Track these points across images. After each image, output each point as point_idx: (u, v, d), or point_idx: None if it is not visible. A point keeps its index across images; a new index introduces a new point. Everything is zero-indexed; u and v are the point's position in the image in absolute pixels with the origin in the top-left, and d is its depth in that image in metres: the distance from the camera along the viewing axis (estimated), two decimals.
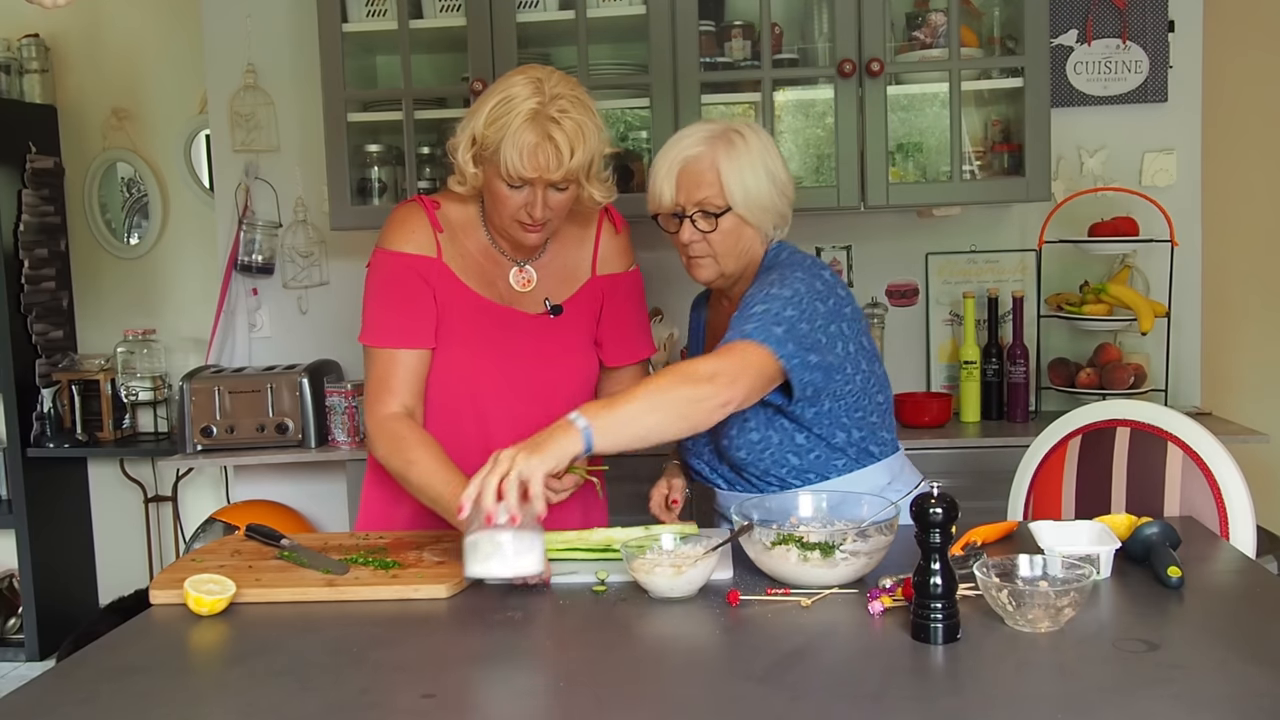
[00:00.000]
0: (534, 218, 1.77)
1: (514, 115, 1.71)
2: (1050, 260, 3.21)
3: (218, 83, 3.48)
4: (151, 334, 3.92)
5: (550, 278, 1.92)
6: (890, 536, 1.50)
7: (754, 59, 3.04)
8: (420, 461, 1.75)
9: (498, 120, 1.72)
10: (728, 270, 1.82)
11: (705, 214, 1.77)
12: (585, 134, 1.74)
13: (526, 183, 1.74)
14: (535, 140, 1.70)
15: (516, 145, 1.70)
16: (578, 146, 1.73)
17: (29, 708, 1.23)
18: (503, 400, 1.86)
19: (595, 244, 1.97)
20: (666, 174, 1.79)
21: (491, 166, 1.76)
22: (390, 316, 1.84)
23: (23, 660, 3.87)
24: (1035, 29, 2.86)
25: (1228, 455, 1.86)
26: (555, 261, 1.93)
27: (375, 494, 1.96)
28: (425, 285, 1.84)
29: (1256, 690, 1.13)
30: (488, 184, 1.79)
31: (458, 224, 1.88)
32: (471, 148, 1.78)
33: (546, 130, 1.71)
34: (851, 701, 1.16)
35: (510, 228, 1.82)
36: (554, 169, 1.72)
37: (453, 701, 1.20)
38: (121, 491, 4.08)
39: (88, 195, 4.03)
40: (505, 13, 2.95)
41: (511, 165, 1.71)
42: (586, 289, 1.95)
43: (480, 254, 1.89)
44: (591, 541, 1.68)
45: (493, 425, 1.85)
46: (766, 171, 1.78)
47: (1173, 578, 1.44)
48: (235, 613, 1.52)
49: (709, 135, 1.79)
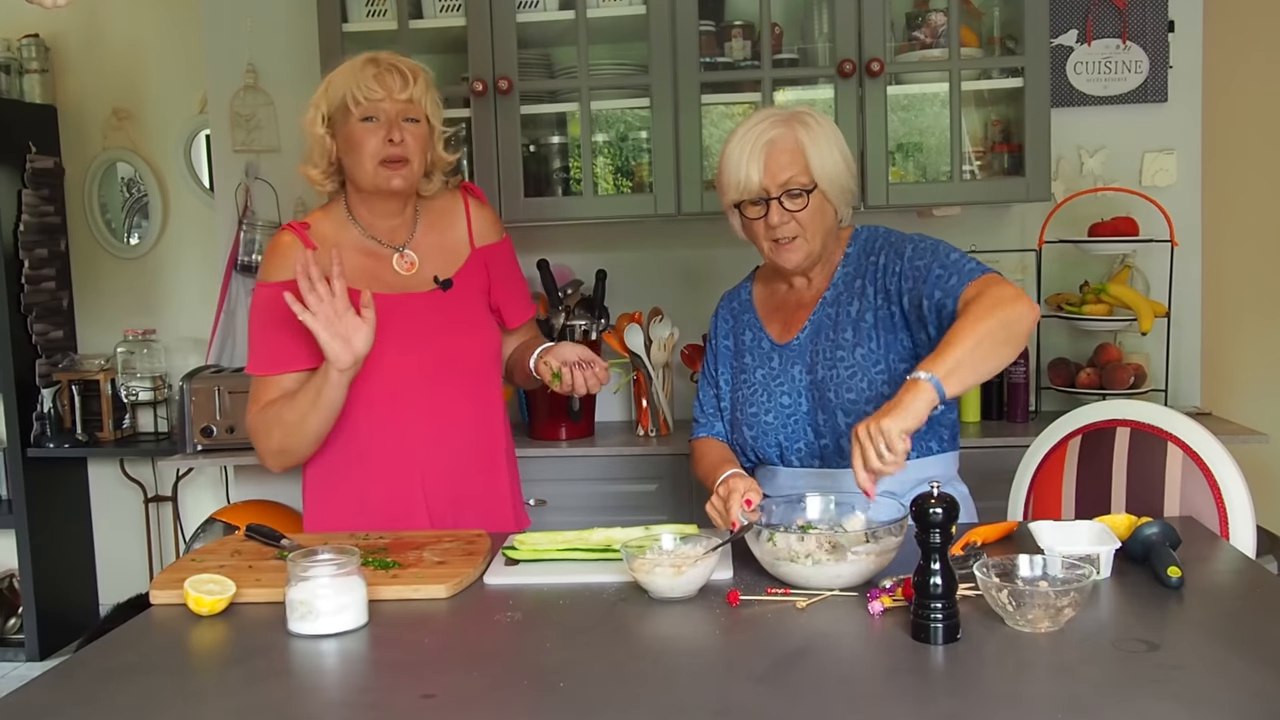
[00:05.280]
0: (395, 143, 1.84)
1: (352, 65, 1.87)
2: (1050, 260, 3.21)
3: (218, 83, 3.48)
4: (151, 334, 3.93)
5: (431, 258, 1.98)
6: (900, 537, 1.50)
7: (754, 59, 3.04)
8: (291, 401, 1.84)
9: (337, 78, 1.87)
10: (815, 250, 1.85)
11: (791, 194, 1.79)
12: (423, 73, 1.89)
13: (378, 112, 1.85)
14: (376, 70, 1.85)
15: (361, 78, 1.84)
16: (419, 77, 1.88)
17: (29, 708, 1.23)
18: (416, 383, 1.91)
19: (467, 219, 2.04)
20: (751, 157, 1.79)
21: (343, 117, 1.86)
22: (271, 344, 1.88)
23: (23, 660, 3.87)
24: (1035, 29, 2.86)
25: (1228, 455, 1.86)
26: (430, 241, 1.99)
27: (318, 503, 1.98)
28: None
29: (1256, 690, 1.13)
30: (345, 142, 1.88)
31: (330, 235, 1.93)
32: (322, 121, 1.89)
33: (388, 65, 1.86)
34: (851, 701, 1.16)
35: (375, 176, 1.87)
36: (400, 90, 1.84)
37: (453, 701, 1.20)
38: (121, 491, 4.08)
39: (88, 195, 4.03)
40: (505, 13, 2.95)
41: (360, 92, 1.83)
42: (470, 262, 2.01)
43: (359, 252, 1.94)
44: (591, 541, 1.68)
45: (412, 411, 1.91)
46: (840, 151, 1.83)
47: (1173, 578, 1.44)
48: (235, 613, 1.52)
49: (783, 118, 1.82)
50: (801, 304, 1.93)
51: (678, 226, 3.28)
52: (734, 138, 1.83)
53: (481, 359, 1.99)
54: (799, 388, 1.88)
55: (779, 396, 1.90)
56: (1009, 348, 1.63)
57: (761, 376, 1.93)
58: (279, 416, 1.86)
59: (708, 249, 3.29)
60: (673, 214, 3.00)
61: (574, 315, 3.08)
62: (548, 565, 1.65)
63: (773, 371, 1.91)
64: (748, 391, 1.93)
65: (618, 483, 2.97)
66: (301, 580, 1.41)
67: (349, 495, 1.93)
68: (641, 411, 3.12)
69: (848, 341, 1.84)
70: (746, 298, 2.03)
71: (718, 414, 1.99)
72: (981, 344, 1.60)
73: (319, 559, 1.43)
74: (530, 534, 1.72)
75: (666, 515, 2.88)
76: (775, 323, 1.96)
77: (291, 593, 1.42)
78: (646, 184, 3.13)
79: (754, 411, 1.91)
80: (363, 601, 1.44)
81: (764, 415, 1.90)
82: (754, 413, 1.91)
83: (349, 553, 1.45)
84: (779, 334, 1.94)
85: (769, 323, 1.97)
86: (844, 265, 1.90)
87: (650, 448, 2.99)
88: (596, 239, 3.35)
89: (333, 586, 1.41)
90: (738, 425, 1.94)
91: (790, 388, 1.89)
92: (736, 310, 2.03)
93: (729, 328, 2.02)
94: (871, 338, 1.83)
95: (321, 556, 1.43)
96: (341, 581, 1.42)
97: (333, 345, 1.76)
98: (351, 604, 1.42)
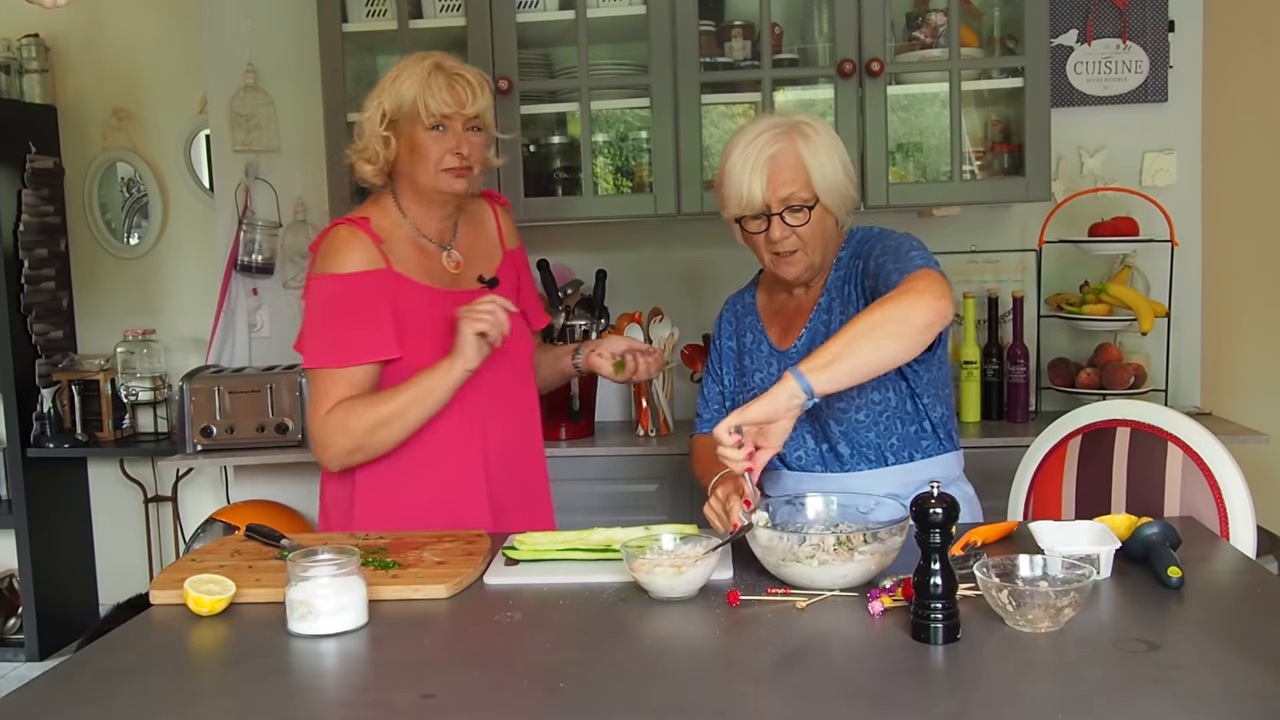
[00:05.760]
0: (463, 155, 1.89)
1: (419, 71, 1.89)
2: (1050, 260, 3.21)
3: (218, 83, 3.48)
4: (151, 334, 3.92)
5: (474, 258, 2.03)
6: (901, 537, 1.50)
7: (754, 59, 3.04)
8: (384, 394, 1.86)
9: (404, 82, 1.89)
10: (815, 262, 1.85)
11: (793, 209, 1.78)
12: (485, 84, 1.94)
13: (447, 122, 1.89)
14: (446, 80, 1.89)
15: (432, 88, 1.87)
16: (483, 89, 1.93)
17: (29, 708, 1.23)
18: (474, 376, 1.90)
19: (496, 223, 2.12)
20: (753, 173, 1.78)
21: (409, 123, 1.89)
22: (338, 336, 1.88)
23: (23, 660, 3.87)
24: (1035, 29, 2.86)
25: (1228, 455, 1.86)
26: (470, 242, 2.05)
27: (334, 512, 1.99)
28: (378, 297, 1.88)
29: (1256, 690, 1.13)
30: (408, 145, 1.91)
31: (388, 229, 1.95)
32: (383, 121, 1.91)
33: (454, 73, 1.90)
34: (851, 702, 1.16)
35: (439, 180, 1.91)
36: (470, 103, 1.89)
37: (453, 701, 1.20)
38: (121, 492, 4.08)
39: (88, 195, 4.03)
40: (505, 13, 2.95)
41: (433, 104, 1.87)
42: (505, 263, 2.09)
43: (412, 247, 1.97)
44: (591, 541, 1.68)
45: (471, 402, 1.92)
46: (841, 160, 1.82)
47: (1173, 578, 1.43)
48: (235, 613, 1.52)
49: (783, 130, 1.80)
50: (800, 310, 1.93)
51: (678, 226, 3.28)
52: (735, 150, 1.82)
53: (526, 354, 2.06)
54: None
55: None
56: (897, 342, 1.60)
57: (760, 381, 1.93)
58: (369, 413, 1.85)
59: (708, 249, 3.29)
60: (673, 214, 3.00)
61: (574, 315, 3.08)
62: (548, 565, 1.65)
63: (771, 376, 1.91)
64: (747, 395, 1.93)
65: (618, 483, 2.97)
66: (301, 580, 1.41)
67: (408, 489, 1.92)
68: (641, 412, 3.12)
69: None
70: (750, 301, 2.03)
71: (722, 410, 2.00)
72: (863, 339, 1.58)
73: (319, 559, 1.43)
74: (530, 534, 1.72)
75: (666, 515, 2.88)
76: (776, 328, 1.97)
77: (291, 593, 1.42)
78: (646, 184, 3.13)
79: None
80: (363, 601, 1.44)
81: None
82: None
83: (349, 553, 1.45)
84: (779, 339, 1.95)
85: (770, 327, 1.97)
86: (836, 270, 1.90)
87: (650, 448, 2.99)
88: (596, 239, 3.35)
89: (333, 586, 1.41)
90: None
91: None
92: (740, 313, 2.03)
93: (732, 329, 2.03)
94: None
95: (321, 556, 1.43)
96: (341, 581, 1.42)
97: (482, 347, 1.83)
98: (351, 604, 1.42)
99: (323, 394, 1.87)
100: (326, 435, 1.87)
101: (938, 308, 1.61)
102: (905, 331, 1.60)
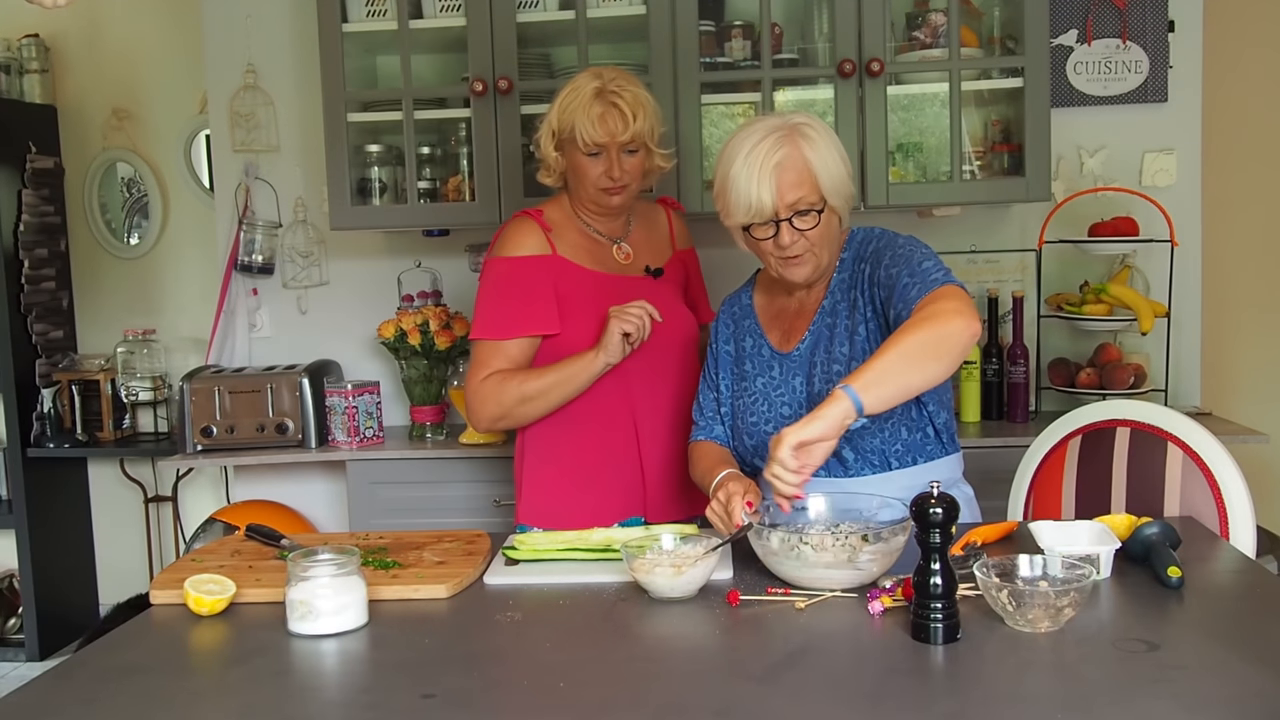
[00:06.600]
0: (614, 179, 2.08)
1: (581, 96, 2.06)
2: (1050, 260, 3.21)
3: (218, 83, 3.48)
4: (151, 334, 3.93)
5: (644, 253, 2.24)
6: (903, 537, 1.50)
7: (754, 59, 3.04)
8: (534, 372, 2.08)
9: (569, 106, 2.07)
10: (823, 263, 1.85)
11: (801, 214, 1.77)
12: (643, 104, 2.08)
13: (601, 148, 2.06)
14: (602, 110, 2.05)
15: (589, 117, 2.04)
16: (639, 113, 2.07)
17: (29, 708, 1.23)
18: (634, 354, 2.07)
19: (669, 225, 2.33)
20: (761, 181, 1.75)
21: (571, 145, 2.08)
22: (503, 311, 2.10)
23: (23, 660, 3.87)
24: (1035, 29, 2.86)
25: (1228, 455, 1.86)
26: (641, 238, 2.25)
27: (535, 478, 2.17)
28: (542, 278, 2.10)
29: (1256, 690, 1.13)
30: (570, 163, 2.11)
31: (560, 221, 2.18)
32: (552, 139, 2.12)
33: (610, 101, 2.05)
34: (851, 702, 1.16)
35: (596, 196, 2.12)
36: (622, 131, 2.05)
37: (453, 701, 1.20)
38: (121, 492, 4.08)
39: (88, 195, 4.03)
40: (505, 13, 2.95)
41: (587, 134, 2.04)
42: (674, 260, 2.30)
43: (584, 238, 2.18)
44: (591, 541, 1.68)
45: (629, 378, 2.10)
46: (841, 158, 1.82)
47: (1173, 578, 1.44)
48: (235, 613, 1.52)
49: (785, 133, 1.78)
50: (802, 313, 1.92)
51: None
52: (736, 158, 1.78)
53: (685, 341, 2.20)
54: (799, 399, 1.87)
55: (779, 408, 1.88)
56: (939, 364, 1.61)
57: (761, 385, 1.92)
58: (518, 388, 2.06)
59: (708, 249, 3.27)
60: None
61: None
62: (548, 565, 1.66)
63: (773, 381, 1.90)
64: (748, 400, 1.92)
65: None
66: (301, 580, 1.41)
67: (568, 457, 2.13)
68: None
69: (843, 356, 1.82)
70: (747, 303, 2.01)
71: (717, 417, 1.98)
72: (906, 358, 1.59)
73: (319, 559, 1.43)
74: (530, 534, 1.72)
75: None
76: (776, 330, 1.95)
77: (291, 593, 1.42)
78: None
79: (754, 421, 1.90)
80: (363, 601, 1.44)
81: (764, 425, 1.88)
82: (754, 422, 1.90)
83: (349, 553, 1.45)
84: (779, 342, 1.93)
85: (769, 330, 1.95)
86: (839, 271, 1.88)
87: None
88: None
89: (333, 586, 1.41)
90: (738, 434, 1.94)
91: (791, 399, 1.87)
92: (737, 315, 2.01)
93: (729, 333, 2.00)
94: (865, 351, 1.80)
95: (321, 556, 1.44)
96: (341, 581, 1.42)
97: (625, 346, 2.01)
98: (351, 604, 1.42)
99: (481, 363, 2.11)
100: (478, 401, 2.10)
101: (974, 330, 1.64)
102: (945, 354, 1.62)
